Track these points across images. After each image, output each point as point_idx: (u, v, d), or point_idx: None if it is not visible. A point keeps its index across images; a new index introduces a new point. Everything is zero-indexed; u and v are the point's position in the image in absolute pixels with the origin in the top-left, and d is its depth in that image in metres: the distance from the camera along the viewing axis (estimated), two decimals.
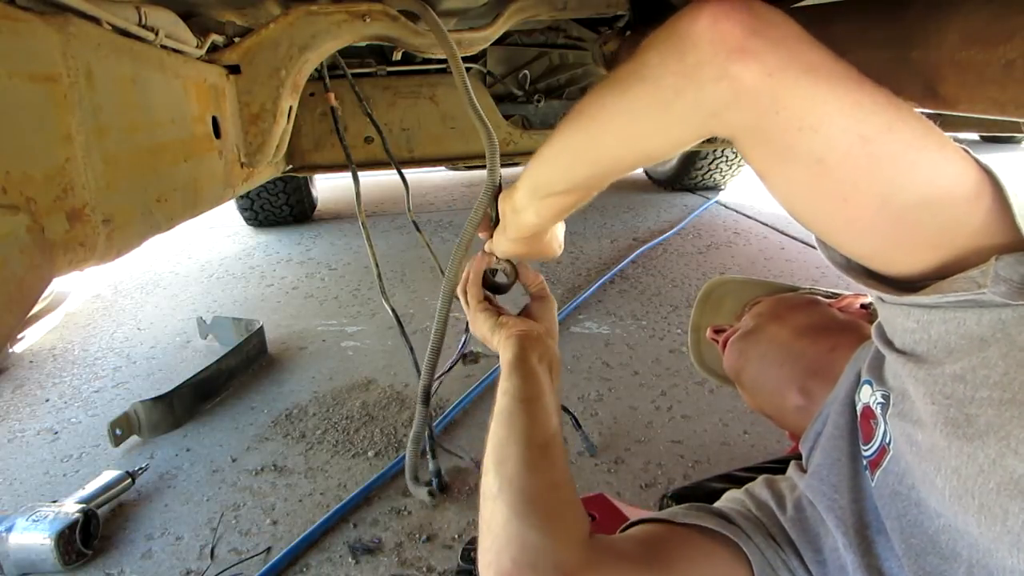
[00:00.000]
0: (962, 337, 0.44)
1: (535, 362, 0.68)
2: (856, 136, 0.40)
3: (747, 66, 0.41)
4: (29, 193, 0.49)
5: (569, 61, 2.37)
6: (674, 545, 0.58)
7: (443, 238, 3.43)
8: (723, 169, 4.07)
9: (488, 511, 0.55)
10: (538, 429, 0.60)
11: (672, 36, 0.45)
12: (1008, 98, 0.54)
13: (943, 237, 0.42)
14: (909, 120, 0.40)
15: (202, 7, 1.05)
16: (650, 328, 2.25)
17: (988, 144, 5.28)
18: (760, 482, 0.67)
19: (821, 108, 0.40)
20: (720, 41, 0.41)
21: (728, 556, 0.57)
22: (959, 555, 0.45)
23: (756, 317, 0.86)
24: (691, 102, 0.45)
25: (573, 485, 0.58)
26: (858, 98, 0.40)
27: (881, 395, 0.54)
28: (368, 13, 1.11)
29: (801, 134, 0.41)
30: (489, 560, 0.52)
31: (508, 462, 0.57)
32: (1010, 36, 0.52)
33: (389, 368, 2.02)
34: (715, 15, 0.42)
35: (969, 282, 0.41)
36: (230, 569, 1.23)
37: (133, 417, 1.66)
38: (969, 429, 0.43)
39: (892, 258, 0.46)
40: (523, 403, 0.62)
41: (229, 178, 1.04)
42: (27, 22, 0.53)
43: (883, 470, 0.53)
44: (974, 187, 0.41)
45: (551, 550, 0.50)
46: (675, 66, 0.44)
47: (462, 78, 0.92)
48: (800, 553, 0.58)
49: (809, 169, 0.42)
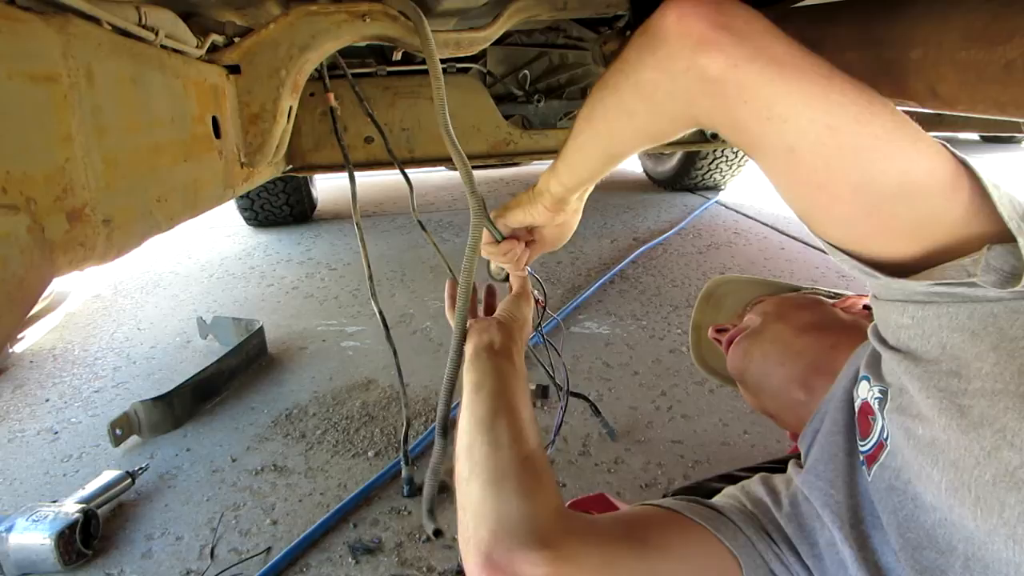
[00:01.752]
0: (955, 331, 0.45)
1: (487, 354, 0.70)
2: (823, 126, 0.41)
3: (712, 57, 0.43)
4: (29, 193, 0.49)
5: (569, 61, 2.37)
6: (655, 525, 0.57)
7: (443, 238, 3.43)
8: (723, 169, 4.07)
9: (463, 494, 0.56)
10: (498, 411, 0.61)
11: (646, 33, 0.48)
12: (1008, 98, 0.54)
13: (922, 228, 0.43)
14: (880, 113, 0.41)
15: (202, 7, 1.05)
16: (650, 328, 2.25)
17: (988, 144, 5.28)
18: (756, 479, 0.67)
19: (786, 99, 0.42)
20: (686, 34, 0.44)
21: (714, 544, 0.57)
22: (955, 548, 0.45)
23: (760, 316, 0.87)
24: (668, 93, 0.48)
25: (546, 461, 0.59)
26: (825, 90, 0.41)
27: (879, 390, 0.55)
28: (368, 13, 1.11)
29: (770, 123, 0.43)
30: (467, 537, 0.52)
31: (474, 446, 0.58)
32: (1010, 36, 0.52)
33: (389, 368, 2.02)
34: (681, 10, 0.45)
35: (960, 270, 0.42)
36: (230, 569, 1.23)
37: (133, 417, 1.66)
38: (963, 421, 0.43)
39: (873, 246, 0.47)
40: (480, 391, 0.64)
41: (229, 178, 1.04)
42: (27, 22, 0.53)
43: (880, 465, 0.53)
44: (950, 180, 0.42)
45: (528, 516, 0.50)
46: (650, 60, 0.48)
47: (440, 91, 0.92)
48: (796, 548, 0.58)
49: (782, 157, 0.44)
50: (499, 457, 0.56)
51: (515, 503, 0.51)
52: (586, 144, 0.62)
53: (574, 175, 0.68)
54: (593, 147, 0.62)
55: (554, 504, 0.53)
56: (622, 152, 0.62)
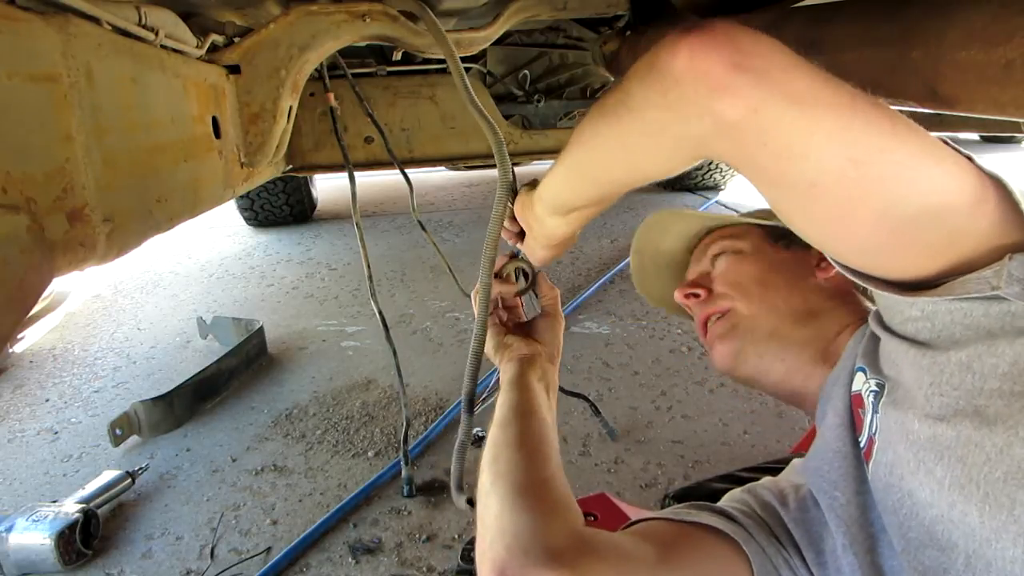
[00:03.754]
0: (968, 328, 0.45)
1: (534, 381, 0.71)
2: (847, 160, 0.39)
3: (731, 103, 0.40)
4: (29, 193, 0.49)
5: (569, 61, 2.37)
6: (671, 540, 0.57)
7: (443, 238, 3.43)
8: (723, 169, 4.08)
9: (482, 506, 0.56)
10: (532, 436, 0.62)
11: (652, 71, 0.43)
12: (1008, 98, 0.54)
13: (945, 246, 0.42)
14: (905, 138, 0.40)
15: (202, 7, 1.05)
16: (650, 328, 2.25)
17: (988, 144, 5.28)
18: (764, 482, 0.67)
19: (808, 137, 0.39)
20: (701, 79, 0.40)
21: (728, 553, 0.57)
22: (956, 545, 0.45)
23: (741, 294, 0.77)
24: (677, 135, 0.44)
25: (566, 485, 0.59)
26: (848, 122, 0.39)
27: (875, 383, 0.54)
28: (368, 13, 1.11)
29: (791, 162, 0.41)
30: (483, 550, 0.52)
31: (500, 460, 0.59)
32: (1010, 36, 0.52)
33: (389, 368, 2.01)
34: (692, 50, 0.40)
35: (982, 283, 0.41)
36: (230, 569, 1.23)
37: (133, 417, 1.66)
38: (977, 419, 0.43)
39: (894, 267, 0.45)
40: (519, 414, 0.65)
41: (229, 178, 1.04)
42: (27, 22, 0.53)
43: (874, 462, 0.53)
44: (974, 195, 0.41)
45: (542, 535, 0.50)
46: (658, 100, 0.43)
47: (462, 78, 0.92)
48: (803, 555, 0.58)
49: (804, 192, 0.42)
50: (523, 477, 0.57)
51: (532, 519, 0.52)
52: (573, 169, 0.58)
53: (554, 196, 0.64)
54: (579, 175, 0.58)
55: (571, 525, 0.53)
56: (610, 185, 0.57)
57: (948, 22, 0.58)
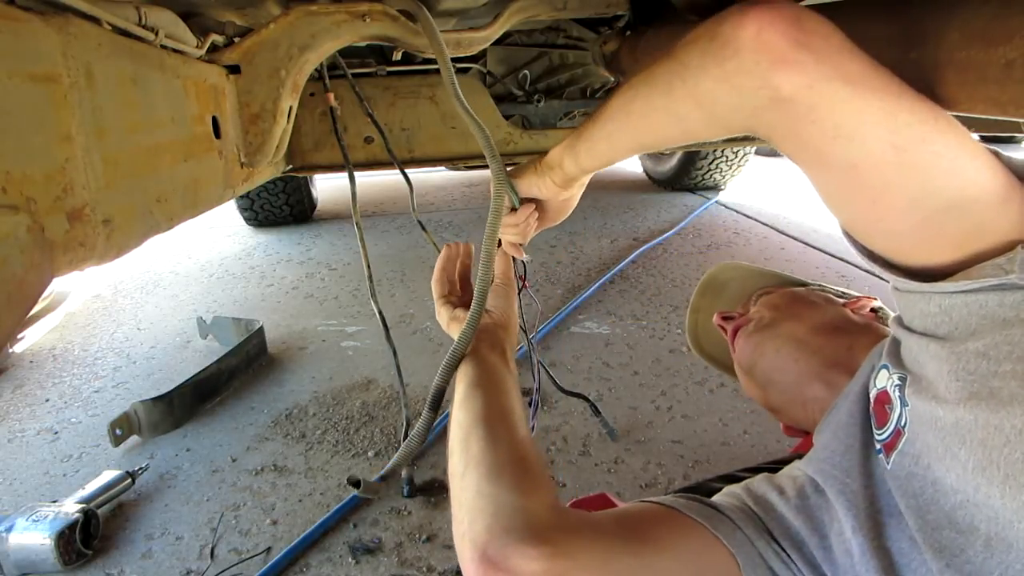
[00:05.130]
0: (984, 318, 0.46)
1: (486, 352, 0.69)
2: (889, 145, 0.41)
3: (789, 78, 0.42)
4: (29, 193, 0.49)
5: (569, 61, 2.37)
6: (653, 522, 0.57)
7: (443, 238, 3.43)
8: (723, 169, 4.07)
9: (457, 488, 0.55)
10: (495, 408, 0.61)
11: (715, 40, 0.45)
12: (1008, 98, 0.54)
13: (969, 238, 0.44)
14: (945, 131, 0.42)
15: (202, 7, 1.05)
16: (650, 328, 2.25)
17: (988, 144, 5.28)
18: (760, 478, 0.67)
19: (857, 119, 0.41)
20: (764, 51, 0.42)
21: (712, 542, 0.57)
22: (976, 529, 0.46)
23: (772, 310, 0.86)
24: (730, 106, 0.47)
25: (537, 455, 0.58)
26: (895, 109, 0.41)
27: (898, 377, 0.55)
28: (368, 13, 1.11)
29: (836, 142, 0.43)
30: (462, 532, 0.51)
31: (470, 440, 0.58)
32: (1010, 36, 0.52)
33: (389, 368, 2.01)
34: (761, 24, 0.42)
35: (996, 268, 0.43)
36: (230, 569, 1.23)
37: (133, 417, 1.66)
38: (993, 401, 0.44)
39: (915, 253, 0.48)
40: (477, 387, 0.64)
41: (229, 178, 1.04)
42: (27, 22, 0.53)
43: (899, 452, 0.54)
44: (1004, 192, 0.43)
45: (524, 512, 0.50)
46: (715, 71, 0.45)
47: (450, 73, 0.92)
48: (801, 545, 0.58)
49: (842, 172, 0.44)
50: (495, 452, 0.56)
51: (511, 498, 0.51)
52: (616, 134, 0.61)
53: (595, 160, 0.67)
54: (627, 140, 0.61)
55: (550, 500, 0.53)
56: (655, 147, 0.61)
57: (948, 22, 0.58)
